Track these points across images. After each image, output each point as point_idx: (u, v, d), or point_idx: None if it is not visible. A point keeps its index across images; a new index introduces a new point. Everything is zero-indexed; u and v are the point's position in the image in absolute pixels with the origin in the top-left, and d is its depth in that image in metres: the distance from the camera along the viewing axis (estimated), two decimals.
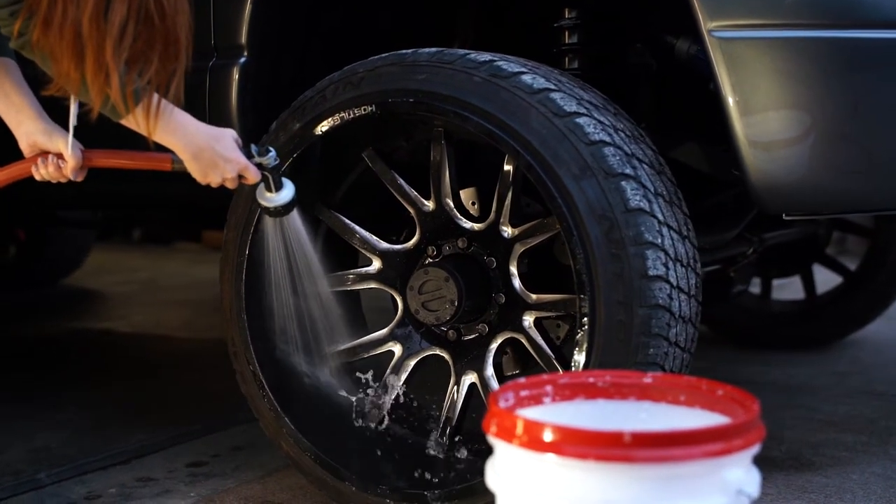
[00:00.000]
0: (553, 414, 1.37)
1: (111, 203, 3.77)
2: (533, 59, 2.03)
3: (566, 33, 2.28)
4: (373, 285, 2.11)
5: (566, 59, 2.29)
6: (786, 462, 2.41)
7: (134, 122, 1.73)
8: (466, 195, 2.11)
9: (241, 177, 1.84)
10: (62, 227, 5.36)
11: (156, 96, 1.68)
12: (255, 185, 1.89)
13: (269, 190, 1.88)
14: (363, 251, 2.11)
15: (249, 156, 1.84)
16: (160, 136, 1.76)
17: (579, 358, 1.79)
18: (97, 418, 2.87)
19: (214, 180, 1.83)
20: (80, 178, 1.88)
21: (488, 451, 1.21)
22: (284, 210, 1.90)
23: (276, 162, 1.86)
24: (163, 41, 1.61)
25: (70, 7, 1.55)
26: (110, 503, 2.19)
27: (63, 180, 1.87)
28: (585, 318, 1.77)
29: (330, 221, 2.12)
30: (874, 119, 1.80)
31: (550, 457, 1.16)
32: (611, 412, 1.39)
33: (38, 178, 1.88)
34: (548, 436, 1.17)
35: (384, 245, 2.09)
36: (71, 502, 2.20)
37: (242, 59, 2.25)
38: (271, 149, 1.86)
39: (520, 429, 1.20)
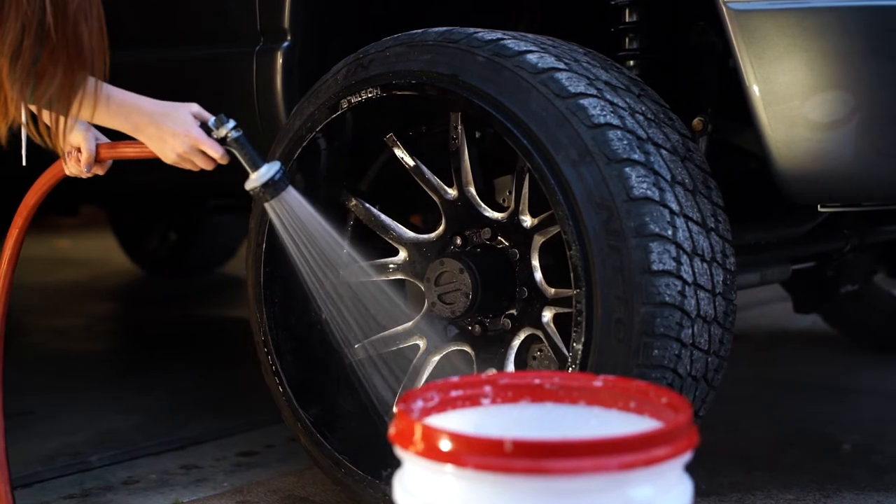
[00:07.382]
0: (490, 418, 1.26)
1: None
2: (592, 41, 1.91)
3: (625, 12, 2.14)
4: (399, 276, 2.03)
5: (626, 40, 2.15)
6: (867, 478, 2.20)
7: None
8: (502, 184, 2.00)
9: (210, 157, 1.73)
10: (214, 216, 5.49)
11: (92, 83, 1.61)
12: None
13: (250, 169, 1.73)
14: (390, 241, 2.03)
15: (208, 131, 1.73)
16: (99, 121, 1.72)
17: (576, 358, 1.66)
18: (177, 403, 2.89)
19: (170, 157, 1.73)
20: (96, 173, 1.84)
21: None
22: (270, 190, 1.73)
23: (239, 134, 1.72)
24: (66, 53, 1.54)
25: None
26: (145, 488, 2.19)
27: (84, 175, 1.84)
28: (581, 316, 1.64)
29: (356, 210, 2.05)
30: None
31: (448, 467, 1.07)
32: (559, 417, 1.27)
33: (67, 173, 1.85)
34: (445, 444, 1.07)
35: (410, 234, 2.01)
36: (109, 486, 2.21)
37: (286, 44, 2.21)
38: (230, 120, 1.73)
39: (417, 434, 1.10)
